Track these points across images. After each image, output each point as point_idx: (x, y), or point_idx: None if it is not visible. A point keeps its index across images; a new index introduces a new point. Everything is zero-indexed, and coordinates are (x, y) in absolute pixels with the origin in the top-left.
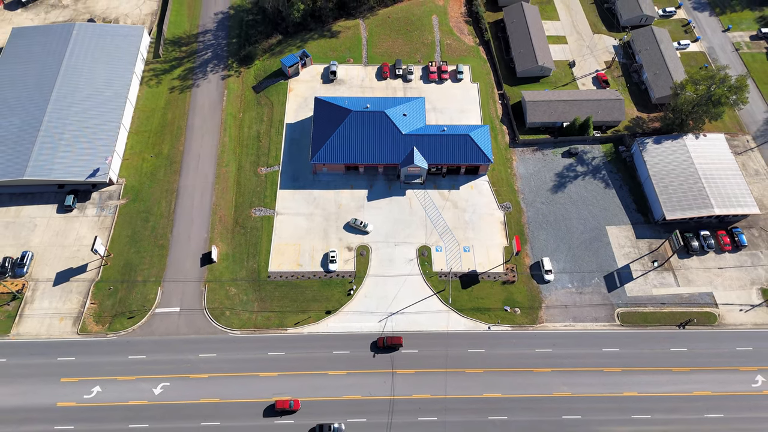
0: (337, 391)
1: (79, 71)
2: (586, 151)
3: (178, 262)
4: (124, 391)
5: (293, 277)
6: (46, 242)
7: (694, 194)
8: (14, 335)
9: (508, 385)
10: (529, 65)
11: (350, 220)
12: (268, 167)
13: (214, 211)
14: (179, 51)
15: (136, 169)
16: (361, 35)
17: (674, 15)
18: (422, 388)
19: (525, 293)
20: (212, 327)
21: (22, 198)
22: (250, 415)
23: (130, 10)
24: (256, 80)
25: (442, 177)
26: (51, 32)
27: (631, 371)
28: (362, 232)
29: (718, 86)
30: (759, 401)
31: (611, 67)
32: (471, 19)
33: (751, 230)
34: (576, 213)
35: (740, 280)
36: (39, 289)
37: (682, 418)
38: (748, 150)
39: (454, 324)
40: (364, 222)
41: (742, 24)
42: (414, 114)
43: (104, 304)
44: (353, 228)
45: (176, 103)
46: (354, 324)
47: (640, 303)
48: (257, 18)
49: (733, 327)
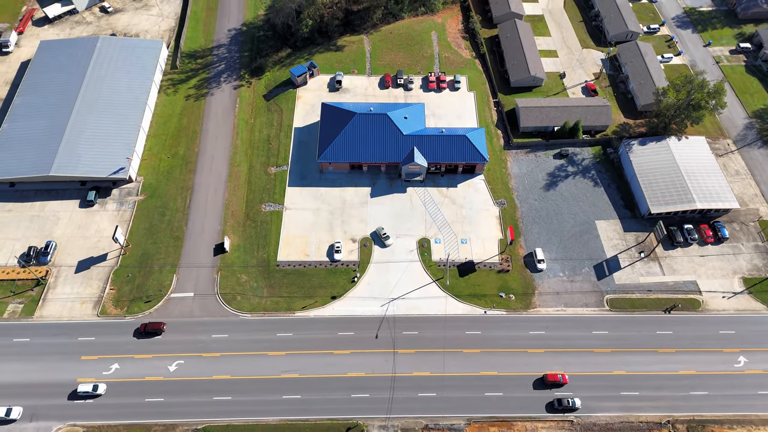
0: (342, 368)
1: (102, 79)
2: (576, 152)
3: (192, 252)
4: (140, 368)
5: (300, 265)
6: (68, 234)
7: (678, 190)
8: (38, 317)
9: (504, 364)
10: (522, 75)
11: (378, 228)
12: (278, 167)
13: (226, 206)
14: (195, 63)
15: (154, 169)
16: (365, 49)
17: (658, 32)
18: (422, 366)
19: (519, 281)
20: (224, 310)
21: (46, 194)
22: (260, 390)
23: (150, 27)
24: (266, 89)
25: (440, 176)
26: (76, 45)
27: (619, 352)
28: (381, 243)
29: (697, 91)
30: (742, 380)
31: (599, 78)
32: (468, 35)
33: (733, 224)
34: (567, 208)
35: (723, 269)
36: (61, 275)
37: (669, 395)
38: (728, 152)
39: (451, 309)
40: (387, 234)
41: (722, 40)
42: (414, 117)
43: (123, 289)
44: (376, 234)
45: (192, 110)
46: (358, 308)
47: (627, 290)
48: (268, 34)
49: (716, 312)
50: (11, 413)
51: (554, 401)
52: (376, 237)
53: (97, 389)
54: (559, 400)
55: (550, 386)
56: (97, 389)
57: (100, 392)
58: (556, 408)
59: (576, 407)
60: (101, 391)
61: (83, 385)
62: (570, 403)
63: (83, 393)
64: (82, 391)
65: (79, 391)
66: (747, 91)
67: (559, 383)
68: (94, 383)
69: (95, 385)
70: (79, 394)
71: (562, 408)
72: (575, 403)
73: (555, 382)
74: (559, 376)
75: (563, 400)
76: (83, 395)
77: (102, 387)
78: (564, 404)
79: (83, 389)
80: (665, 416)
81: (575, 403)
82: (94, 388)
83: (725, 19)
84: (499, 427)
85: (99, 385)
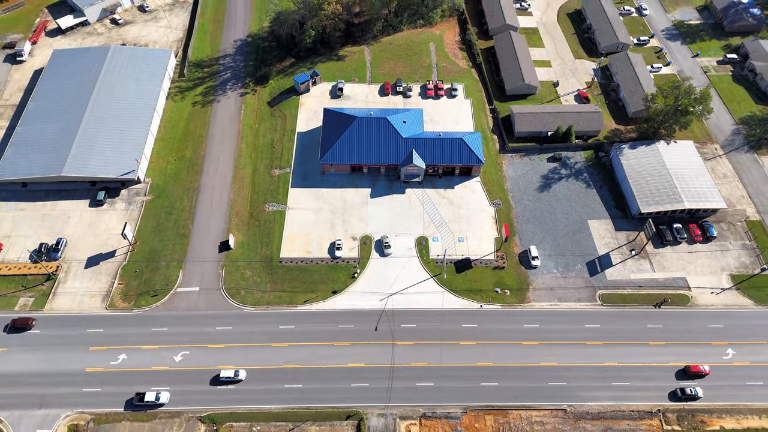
0: (342, 359)
1: (113, 86)
2: (569, 156)
3: (198, 249)
4: (147, 358)
5: (303, 262)
6: (78, 231)
7: (667, 191)
8: (48, 310)
9: (499, 356)
10: (517, 83)
11: (382, 236)
12: (281, 169)
13: (231, 206)
14: (202, 72)
15: (161, 171)
16: (366, 59)
17: (648, 43)
18: (420, 357)
19: (514, 277)
20: (228, 304)
21: (57, 194)
22: (262, 380)
23: (159, 38)
24: (270, 96)
25: (438, 178)
26: (88, 53)
27: (611, 344)
28: (381, 251)
29: (684, 96)
30: (730, 371)
31: (591, 86)
32: (465, 46)
33: (721, 224)
34: (560, 209)
35: (711, 267)
36: (71, 271)
37: (659, 385)
38: (716, 156)
39: (449, 303)
40: (389, 243)
41: (709, 51)
42: (413, 122)
43: (130, 284)
44: (380, 242)
45: (198, 115)
46: (358, 302)
47: (619, 286)
48: (272, 44)
49: (705, 307)
50: None
51: (677, 390)
52: (379, 244)
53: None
54: (682, 389)
55: (692, 377)
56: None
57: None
58: (679, 397)
59: (698, 396)
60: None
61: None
62: (692, 392)
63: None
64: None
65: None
66: (734, 99)
67: (701, 374)
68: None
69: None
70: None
71: (685, 397)
72: (697, 393)
73: (698, 373)
74: (701, 368)
75: (686, 389)
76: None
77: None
78: (687, 393)
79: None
80: (656, 405)
81: (697, 393)
82: None
83: (712, 31)
84: (495, 415)
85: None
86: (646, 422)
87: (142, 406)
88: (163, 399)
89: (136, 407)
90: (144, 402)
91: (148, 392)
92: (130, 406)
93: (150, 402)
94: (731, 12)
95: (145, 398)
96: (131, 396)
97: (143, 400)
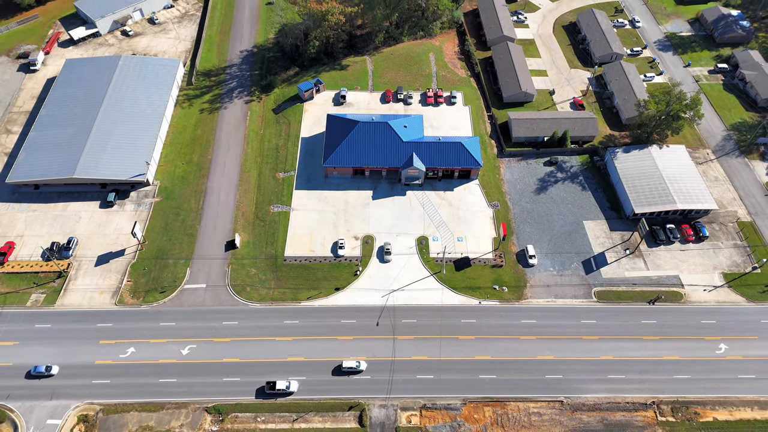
0: (345, 352)
1: (124, 93)
2: (565, 160)
3: (204, 248)
4: (155, 351)
5: (306, 260)
6: (89, 231)
7: (660, 192)
8: (59, 305)
9: (497, 349)
10: (514, 91)
11: (385, 243)
12: (285, 172)
13: (237, 207)
14: (209, 80)
15: (170, 174)
16: (368, 68)
17: (641, 54)
18: (420, 351)
19: (512, 275)
20: (234, 300)
21: (68, 196)
22: (267, 372)
23: (168, 48)
24: (275, 104)
25: (438, 180)
26: (100, 63)
27: (606, 339)
28: (382, 257)
29: (675, 102)
30: (723, 365)
31: (586, 94)
32: (463, 57)
33: (712, 225)
34: (557, 210)
35: (703, 265)
36: (82, 268)
37: (653, 378)
38: (708, 161)
39: (448, 299)
40: (390, 250)
41: (701, 61)
42: (413, 127)
43: (139, 281)
44: (382, 248)
45: (206, 122)
46: (360, 299)
47: (614, 283)
48: (277, 55)
49: (698, 304)
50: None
51: None
52: (381, 250)
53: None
54: None
55: None
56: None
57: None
58: None
59: None
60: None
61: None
62: None
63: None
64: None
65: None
66: (725, 107)
67: None
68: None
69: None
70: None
71: None
72: None
73: None
74: None
75: None
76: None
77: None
78: None
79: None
80: (650, 398)
81: None
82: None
83: (704, 43)
84: (494, 406)
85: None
86: (641, 414)
87: (272, 394)
88: (293, 388)
89: (267, 395)
90: (275, 390)
91: (279, 381)
92: (261, 394)
93: (281, 390)
94: (721, 24)
95: (276, 386)
96: (138, 387)
97: (274, 389)
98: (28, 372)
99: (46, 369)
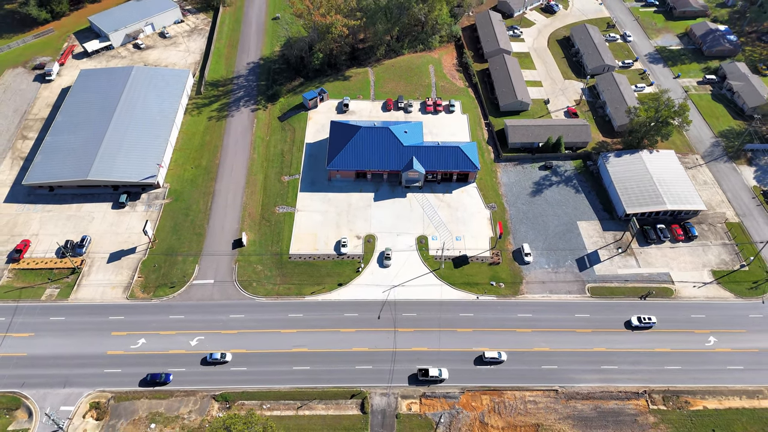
0: (347, 344)
1: (136, 101)
2: (560, 165)
3: (212, 246)
4: (165, 342)
5: (310, 258)
6: (102, 230)
7: (650, 194)
8: (73, 300)
9: (495, 342)
10: (510, 100)
11: (386, 248)
12: (290, 176)
13: (244, 208)
14: (217, 90)
15: (179, 177)
16: (370, 79)
17: (632, 66)
18: (420, 342)
19: (508, 272)
20: (241, 295)
21: (82, 197)
22: (272, 362)
23: (178, 60)
24: (281, 112)
25: (437, 183)
26: (113, 73)
27: (599, 332)
28: (381, 262)
29: (664, 108)
30: (712, 357)
31: (579, 103)
32: (461, 68)
33: (702, 225)
34: (551, 211)
35: (693, 263)
36: (95, 265)
37: (645, 369)
38: (697, 165)
39: (447, 295)
40: (390, 255)
41: (690, 72)
42: (413, 132)
43: (150, 277)
44: (382, 253)
45: (214, 129)
46: (362, 294)
47: (607, 280)
48: (282, 66)
49: (687, 299)
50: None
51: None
52: (381, 256)
53: None
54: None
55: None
56: None
57: None
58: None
59: None
60: None
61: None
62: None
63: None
64: None
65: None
66: (713, 115)
67: None
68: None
69: None
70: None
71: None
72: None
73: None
74: None
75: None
76: None
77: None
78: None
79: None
80: (642, 387)
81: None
82: None
83: (692, 55)
84: (491, 395)
85: None
86: (633, 402)
87: (425, 381)
88: (444, 375)
89: (420, 382)
90: (428, 377)
91: (431, 368)
92: (414, 381)
93: (434, 377)
94: (710, 38)
95: (429, 373)
96: (144, 375)
97: (427, 375)
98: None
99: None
